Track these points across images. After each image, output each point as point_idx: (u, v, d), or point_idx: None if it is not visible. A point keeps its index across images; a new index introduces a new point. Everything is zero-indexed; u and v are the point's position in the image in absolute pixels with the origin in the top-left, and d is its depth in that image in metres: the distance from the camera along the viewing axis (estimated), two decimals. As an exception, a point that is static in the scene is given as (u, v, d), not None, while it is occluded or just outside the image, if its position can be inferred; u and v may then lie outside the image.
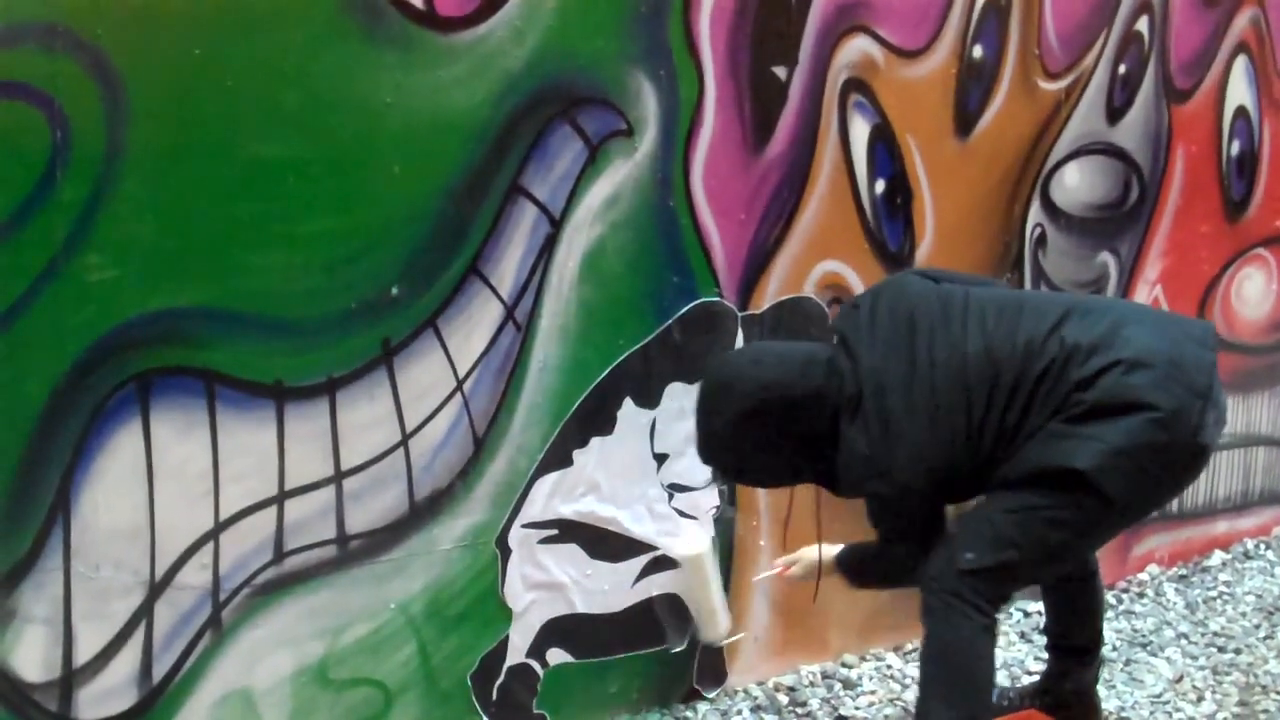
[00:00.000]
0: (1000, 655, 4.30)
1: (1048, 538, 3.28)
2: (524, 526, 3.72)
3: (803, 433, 3.36)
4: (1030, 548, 3.29)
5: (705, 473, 4.00)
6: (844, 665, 4.43)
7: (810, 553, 3.87)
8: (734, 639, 4.09)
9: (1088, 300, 3.74)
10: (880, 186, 4.29)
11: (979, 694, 3.36)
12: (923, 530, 3.39)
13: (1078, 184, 4.84)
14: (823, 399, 3.34)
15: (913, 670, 4.41)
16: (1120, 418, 3.18)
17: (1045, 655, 3.95)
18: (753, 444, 3.40)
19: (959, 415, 3.26)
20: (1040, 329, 3.30)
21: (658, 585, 4.01)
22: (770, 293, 4.08)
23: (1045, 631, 3.92)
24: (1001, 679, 4.27)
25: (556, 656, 3.85)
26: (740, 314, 4.02)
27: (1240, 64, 5.31)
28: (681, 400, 3.92)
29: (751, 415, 3.35)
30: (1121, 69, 4.88)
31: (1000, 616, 3.41)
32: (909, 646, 4.59)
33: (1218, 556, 5.60)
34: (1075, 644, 3.84)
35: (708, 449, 3.49)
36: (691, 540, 3.97)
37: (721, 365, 3.58)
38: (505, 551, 3.69)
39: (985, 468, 3.31)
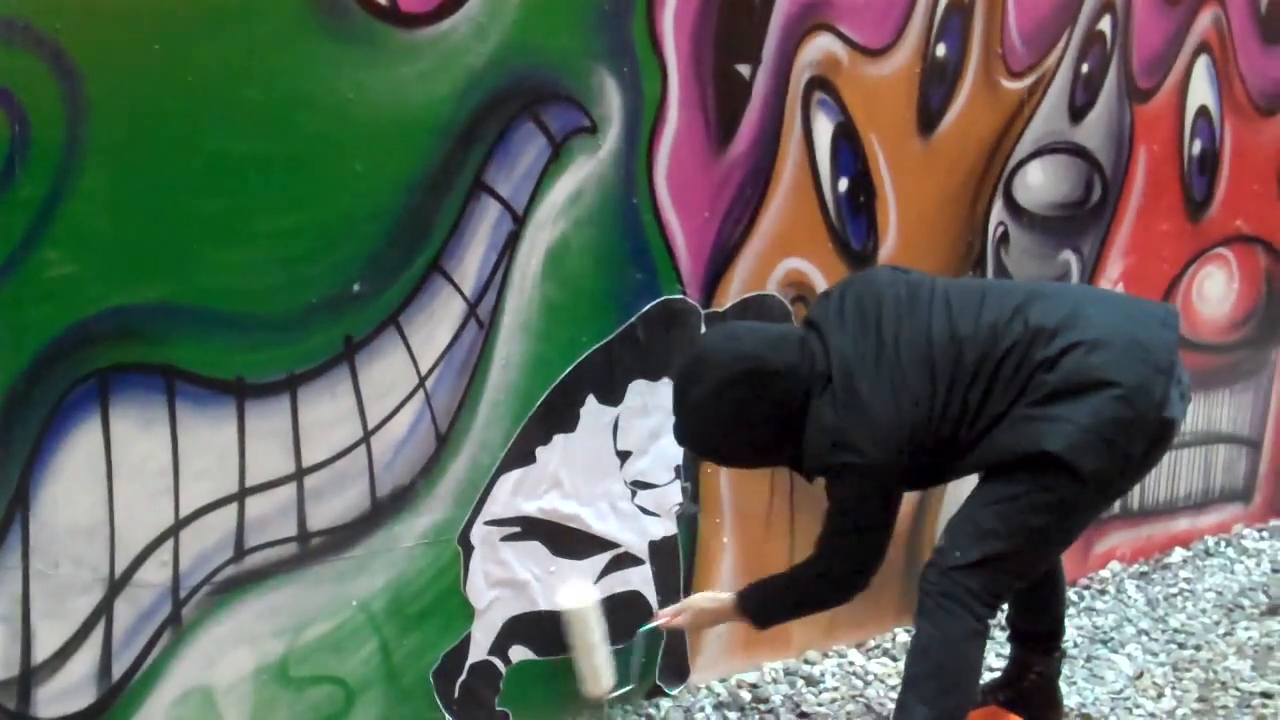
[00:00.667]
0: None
1: (1029, 523, 3.32)
2: (486, 524, 3.72)
3: (778, 405, 3.38)
4: (1014, 536, 3.33)
5: (668, 470, 4.01)
6: (807, 662, 4.44)
7: (698, 600, 3.88)
8: (616, 694, 3.99)
9: (1050, 286, 3.80)
10: (844, 185, 4.30)
11: (961, 695, 3.39)
12: (880, 513, 3.42)
13: (1040, 183, 4.86)
14: (796, 374, 3.36)
15: (875, 667, 4.43)
16: (1085, 396, 3.25)
17: (1007, 650, 3.98)
18: (730, 417, 3.39)
19: (923, 391, 3.31)
20: (1003, 312, 3.38)
21: (621, 583, 4.00)
22: (734, 290, 4.08)
23: (1007, 623, 3.95)
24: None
25: (519, 654, 3.84)
26: (704, 311, 4.02)
27: (1202, 64, 5.34)
28: (645, 397, 3.92)
29: (729, 384, 3.36)
30: (1084, 68, 4.90)
31: (992, 621, 3.41)
32: (871, 643, 4.60)
33: (1178, 554, 5.63)
34: (1036, 632, 3.87)
35: (685, 424, 3.50)
36: (576, 594, 3.92)
37: (698, 341, 3.64)
38: (468, 549, 3.69)
39: (949, 449, 3.36)
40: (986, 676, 4.12)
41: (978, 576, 3.34)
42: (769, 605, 3.70)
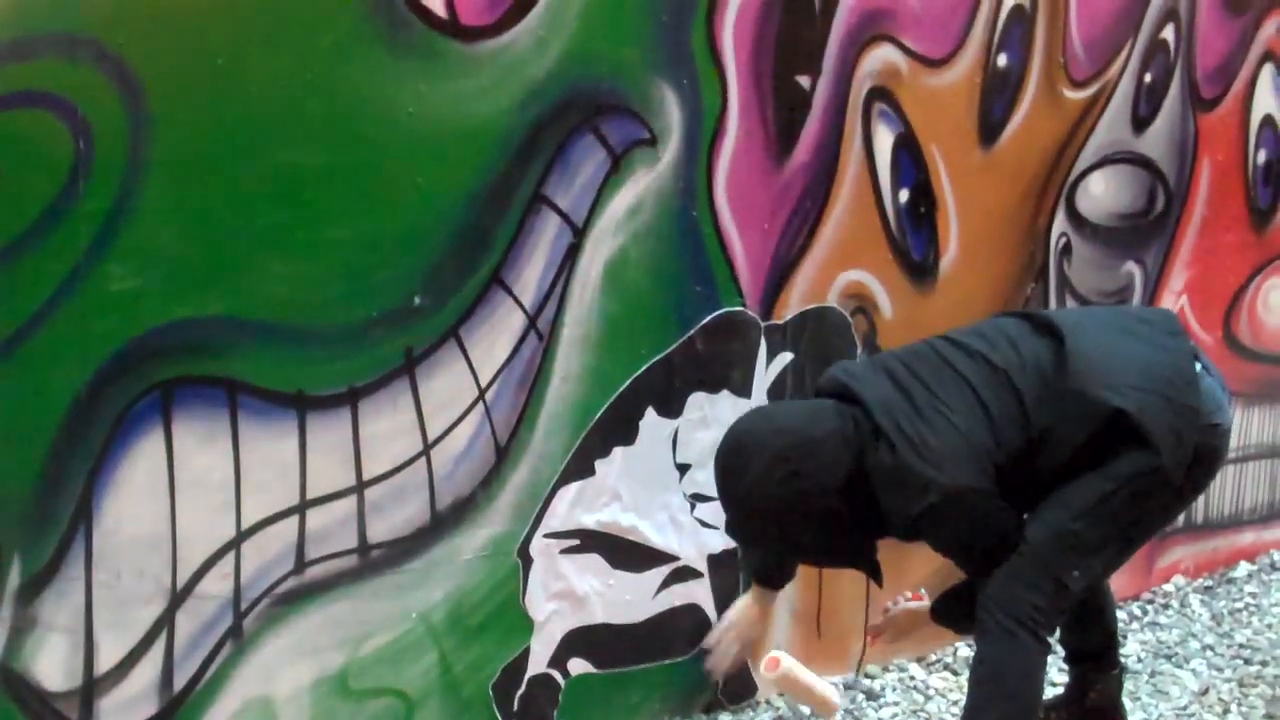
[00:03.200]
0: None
1: (1120, 517, 3.25)
2: (546, 536, 3.71)
3: (831, 474, 3.26)
4: (1115, 540, 3.30)
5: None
6: (867, 676, 4.41)
7: (900, 616, 3.86)
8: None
9: (1065, 314, 3.71)
10: (904, 196, 4.28)
11: (1026, 716, 3.34)
12: (996, 531, 3.29)
13: (1103, 193, 4.82)
14: (841, 438, 3.27)
15: (936, 681, 4.40)
16: (1134, 357, 3.28)
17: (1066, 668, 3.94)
18: (783, 499, 3.26)
19: (974, 409, 3.25)
20: (1019, 335, 3.38)
21: (679, 596, 3.99)
22: (793, 302, 4.06)
23: (1061, 644, 3.90)
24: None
25: (578, 667, 3.84)
26: (763, 324, 4.01)
27: (1267, 72, 5.29)
28: (704, 410, 3.91)
29: (776, 461, 3.24)
30: (1147, 77, 4.86)
31: (1053, 639, 3.37)
32: (933, 657, 4.57)
33: (1244, 568, 5.57)
34: (1089, 649, 3.83)
35: (737, 518, 3.38)
36: (764, 663, 3.80)
37: (731, 433, 3.44)
38: (527, 561, 3.68)
39: (1026, 462, 3.27)
40: (1049, 692, 4.09)
41: (1047, 592, 3.27)
42: (957, 610, 3.56)
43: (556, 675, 3.80)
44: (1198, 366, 3.34)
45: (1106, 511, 3.24)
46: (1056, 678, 4.15)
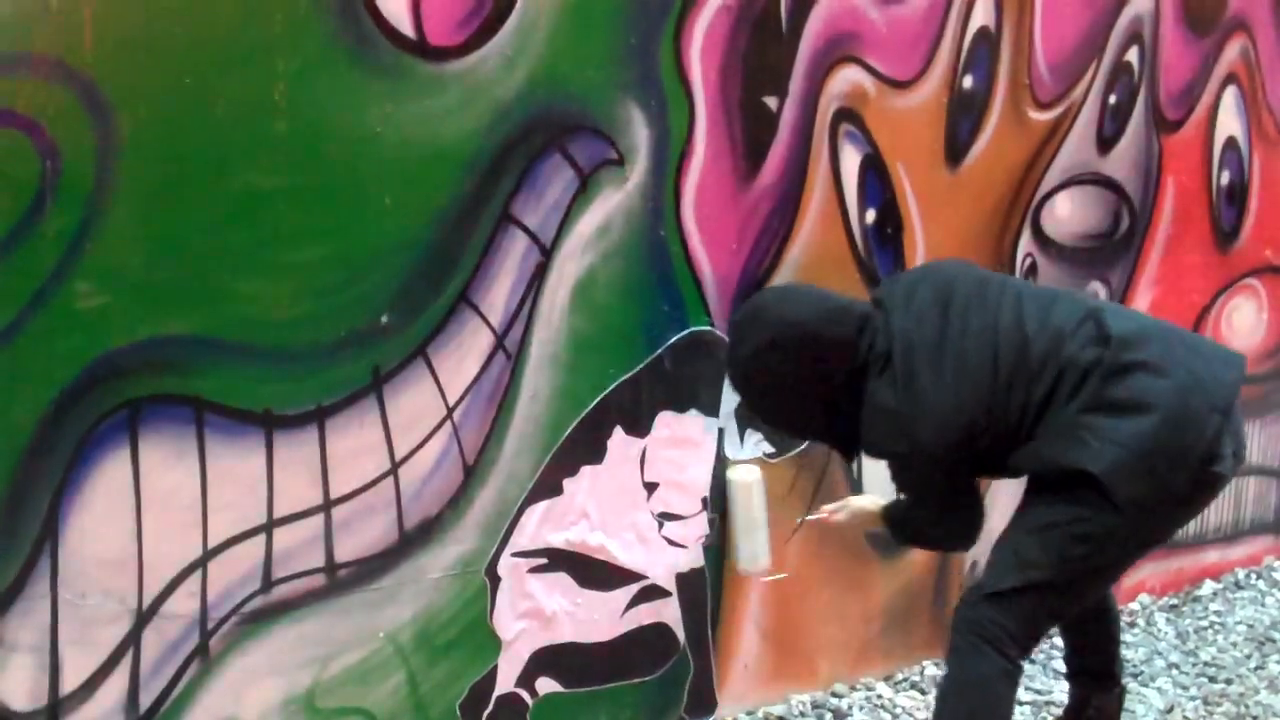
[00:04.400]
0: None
1: (1069, 552, 3.27)
2: (514, 555, 3.72)
3: (822, 378, 3.38)
4: (1053, 566, 3.29)
5: (695, 502, 4.01)
6: (834, 695, 4.42)
7: (857, 501, 3.93)
8: (770, 578, 4.12)
9: (1119, 306, 3.74)
10: (871, 216, 4.30)
11: None
12: (944, 494, 3.41)
13: (1068, 214, 4.86)
14: (849, 349, 3.35)
15: (903, 700, 4.41)
16: (1137, 416, 3.21)
17: (1036, 684, 3.96)
18: (772, 378, 3.42)
19: (985, 381, 3.28)
20: (1074, 316, 3.35)
21: (647, 615, 4.00)
22: (761, 322, 4.07)
23: (1065, 661, 3.93)
24: (1026, 715, 4.28)
25: (546, 686, 3.84)
26: (731, 343, 4.02)
27: (1230, 94, 5.34)
28: (672, 429, 3.92)
29: (770, 347, 3.37)
30: (1111, 99, 4.90)
31: (1024, 664, 3.39)
32: (899, 676, 4.58)
33: (1209, 586, 5.60)
34: (1092, 669, 3.86)
35: (731, 377, 3.56)
36: (743, 469, 4.04)
37: (755, 296, 3.68)
38: (495, 580, 3.69)
39: (1004, 443, 3.32)
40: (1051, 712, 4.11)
41: (1014, 613, 3.30)
42: (904, 523, 3.69)
43: (524, 694, 3.80)
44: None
45: (1058, 543, 3.29)
46: (1024, 695, 4.17)
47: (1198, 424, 3.22)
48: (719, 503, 4.07)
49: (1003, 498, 3.87)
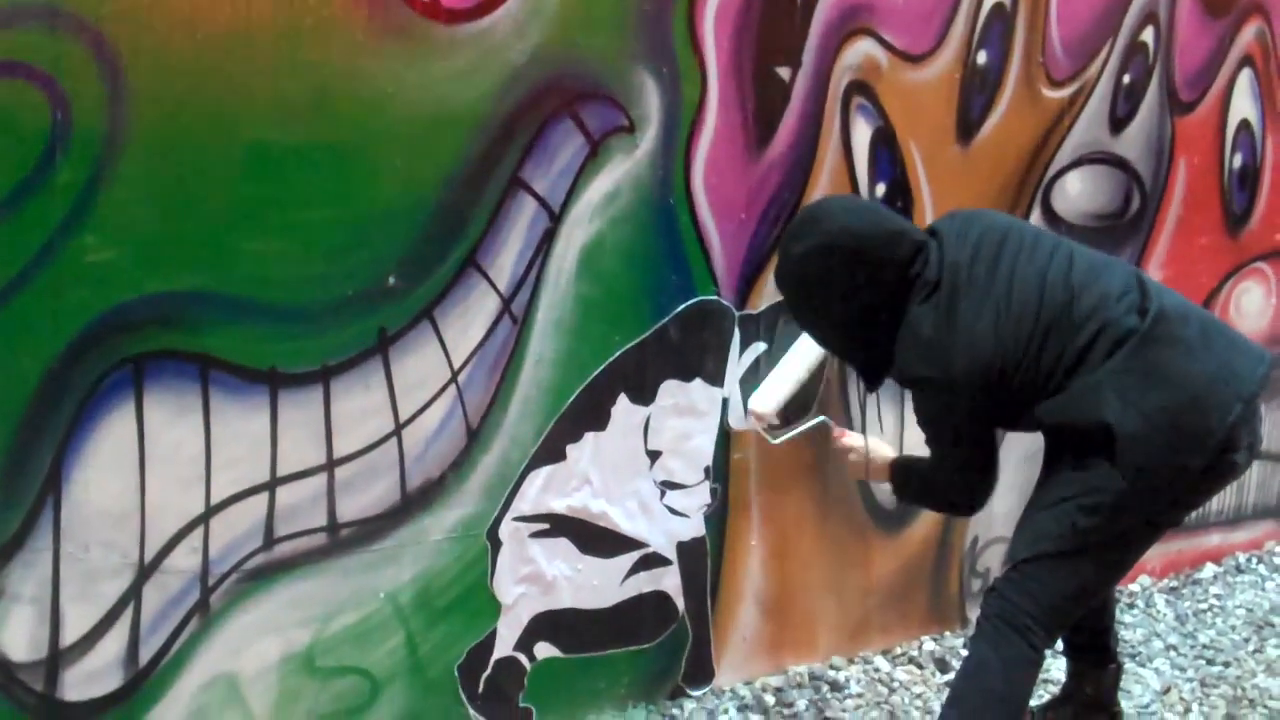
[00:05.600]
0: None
1: (1079, 523, 3.28)
2: (515, 520, 3.72)
3: (867, 292, 3.34)
4: (1063, 537, 3.30)
5: (698, 471, 4.01)
6: (832, 667, 4.43)
7: (875, 441, 3.90)
8: (781, 433, 4.10)
9: (1163, 285, 3.73)
10: (881, 190, 4.29)
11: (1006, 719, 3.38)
12: (963, 437, 3.38)
13: (1079, 193, 4.84)
14: (899, 271, 3.33)
15: (901, 674, 4.42)
16: (1167, 391, 3.21)
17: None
18: (819, 282, 3.37)
19: (1025, 325, 3.27)
20: (1119, 283, 3.35)
21: (647, 583, 4.01)
22: (768, 292, 4.06)
23: (1061, 638, 3.93)
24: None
25: (544, 651, 3.85)
26: (738, 313, 4.02)
27: (1245, 77, 5.31)
28: (676, 397, 3.92)
29: (823, 252, 3.33)
30: (1125, 79, 4.88)
31: (1046, 652, 3.40)
32: (898, 650, 4.59)
33: (1209, 569, 5.60)
34: (1089, 646, 3.87)
35: (778, 274, 3.51)
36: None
37: (820, 200, 3.72)
38: (496, 544, 3.70)
39: (1033, 391, 3.31)
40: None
41: (1032, 591, 3.32)
42: (908, 481, 3.70)
43: (522, 658, 3.81)
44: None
45: (1070, 514, 3.30)
46: (1055, 676, 4.17)
47: (1222, 410, 3.22)
48: (723, 470, 4.07)
49: (1009, 473, 3.85)
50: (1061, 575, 3.36)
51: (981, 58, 4.44)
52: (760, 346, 4.08)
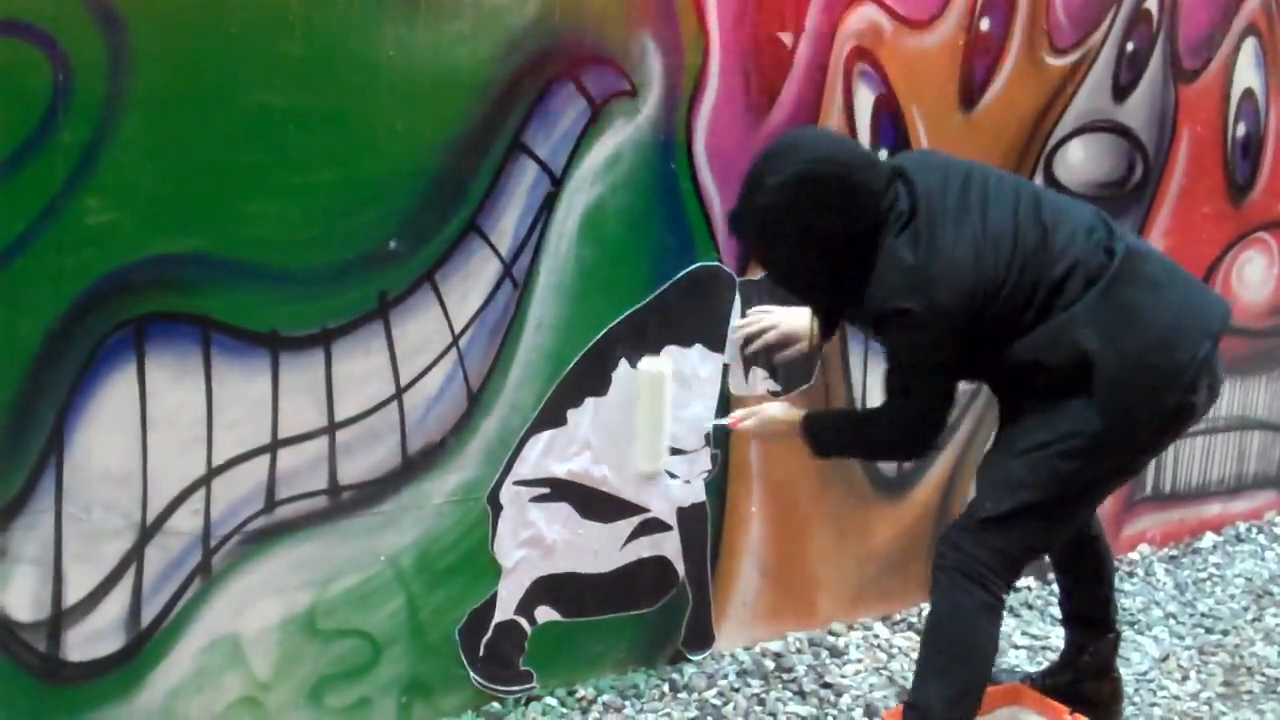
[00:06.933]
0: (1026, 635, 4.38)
1: (1060, 469, 3.28)
2: (516, 484, 3.73)
3: (845, 222, 3.22)
4: (1044, 485, 3.30)
5: (698, 437, 4.01)
6: (831, 633, 4.44)
7: (770, 408, 3.75)
8: (652, 476, 3.95)
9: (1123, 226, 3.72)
10: (884, 156, 4.28)
11: (972, 668, 3.38)
12: (933, 374, 3.31)
13: (1081, 161, 4.83)
14: (874, 200, 3.24)
15: (900, 640, 4.43)
16: (1139, 328, 3.24)
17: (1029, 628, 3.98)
18: (790, 218, 3.23)
19: (1003, 253, 3.24)
20: (1086, 221, 3.36)
21: (647, 548, 4.02)
22: (769, 259, 4.06)
23: (1060, 605, 3.95)
24: (1023, 659, 4.30)
25: (544, 614, 3.86)
26: (738, 279, 4.02)
27: (1249, 46, 5.30)
28: (677, 363, 3.92)
29: (800, 181, 3.20)
30: (1129, 46, 4.87)
31: (1006, 598, 3.40)
32: (897, 617, 4.61)
33: (1209, 538, 5.61)
34: (1087, 614, 3.88)
35: (743, 212, 3.34)
36: (653, 362, 3.80)
37: (787, 132, 3.69)
38: (496, 508, 3.70)
39: (1004, 330, 3.27)
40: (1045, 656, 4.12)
41: (1001, 542, 3.32)
42: (828, 435, 3.59)
43: (523, 622, 3.83)
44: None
45: (1050, 461, 3.30)
46: (1055, 643, 4.19)
47: (1190, 346, 3.25)
48: (721, 438, 4.08)
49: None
50: (1034, 526, 3.36)
51: (984, 24, 4.43)
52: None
